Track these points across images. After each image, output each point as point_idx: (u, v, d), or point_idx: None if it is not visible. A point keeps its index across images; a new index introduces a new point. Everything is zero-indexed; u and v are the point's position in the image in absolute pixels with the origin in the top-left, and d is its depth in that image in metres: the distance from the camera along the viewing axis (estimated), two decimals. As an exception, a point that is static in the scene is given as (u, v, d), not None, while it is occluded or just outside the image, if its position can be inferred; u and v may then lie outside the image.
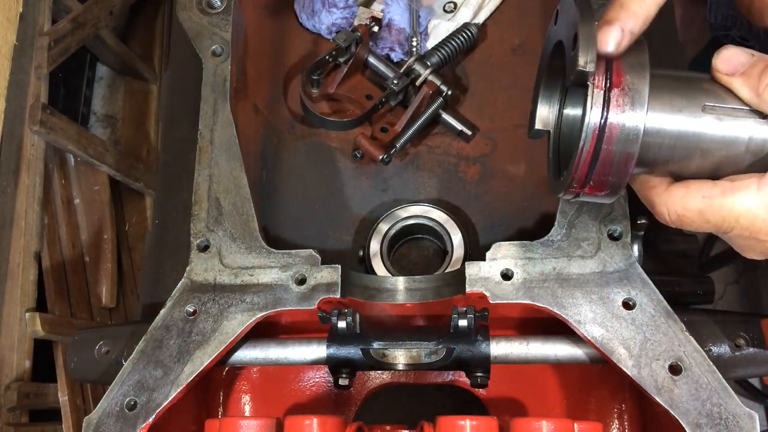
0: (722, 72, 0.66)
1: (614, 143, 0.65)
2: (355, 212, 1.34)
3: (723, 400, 0.89)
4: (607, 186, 0.69)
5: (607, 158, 0.66)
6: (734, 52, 0.66)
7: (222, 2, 1.22)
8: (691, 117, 0.67)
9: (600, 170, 0.67)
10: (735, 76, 0.65)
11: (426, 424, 0.94)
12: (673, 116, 0.67)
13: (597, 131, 0.65)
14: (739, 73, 0.64)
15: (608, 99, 0.65)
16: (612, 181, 0.68)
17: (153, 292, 1.26)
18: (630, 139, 0.65)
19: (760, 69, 0.64)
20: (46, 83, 2.14)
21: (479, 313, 1.02)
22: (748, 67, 0.64)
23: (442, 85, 1.31)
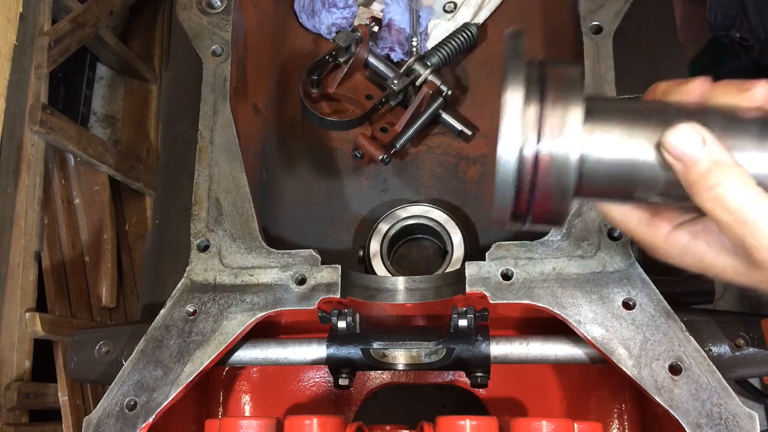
0: (668, 151, 0.62)
1: (547, 175, 0.64)
2: (355, 212, 1.34)
3: (723, 400, 0.89)
4: (549, 218, 0.68)
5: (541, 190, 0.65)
6: (686, 137, 0.60)
7: (222, 2, 1.22)
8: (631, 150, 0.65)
9: (538, 202, 0.66)
10: (678, 162, 0.62)
11: (426, 424, 0.94)
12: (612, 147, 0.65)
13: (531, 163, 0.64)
14: (683, 161, 0.61)
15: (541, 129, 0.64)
16: (554, 212, 0.67)
17: (153, 292, 1.26)
18: (565, 172, 0.64)
19: (703, 169, 0.60)
20: (46, 83, 2.14)
21: (479, 313, 1.02)
22: (691, 160, 0.61)
23: (442, 85, 1.31)
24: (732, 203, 0.60)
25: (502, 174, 0.64)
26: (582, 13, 1.13)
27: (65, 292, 2.31)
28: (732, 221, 0.61)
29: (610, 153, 0.65)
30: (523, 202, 0.67)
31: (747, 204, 0.60)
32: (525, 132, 0.64)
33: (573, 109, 0.64)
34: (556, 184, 0.64)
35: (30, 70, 2.10)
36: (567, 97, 0.64)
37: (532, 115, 0.64)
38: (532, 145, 0.63)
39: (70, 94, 2.71)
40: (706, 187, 0.61)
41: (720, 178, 0.60)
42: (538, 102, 0.64)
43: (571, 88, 0.65)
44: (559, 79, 0.66)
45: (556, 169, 0.64)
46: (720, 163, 0.60)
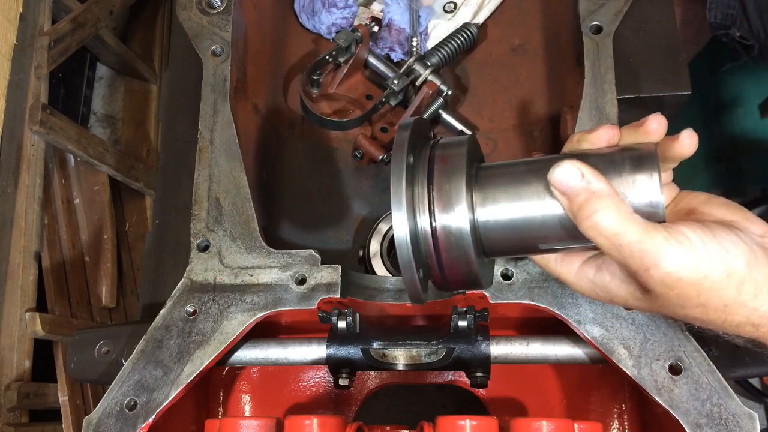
0: (553, 186, 0.67)
1: (447, 246, 0.68)
2: (355, 212, 1.34)
3: (723, 400, 0.89)
4: (465, 283, 0.73)
5: (446, 261, 0.70)
6: (566, 171, 0.65)
7: (222, 2, 1.22)
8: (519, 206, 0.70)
9: (448, 273, 0.71)
10: (563, 196, 0.66)
11: (426, 424, 0.93)
12: (500, 207, 0.70)
13: (430, 240, 0.69)
14: (566, 194, 0.66)
15: (432, 204, 0.68)
16: (466, 278, 0.71)
17: (153, 292, 1.26)
18: (461, 240, 0.68)
19: (582, 200, 0.65)
20: (46, 83, 2.14)
21: (479, 313, 1.02)
22: (573, 192, 0.65)
23: (442, 85, 1.31)
24: (607, 229, 0.64)
25: (402, 255, 0.69)
26: (582, 13, 1.14)
27: (65, 292, 2.31)
28: (611, 246, 0.65)
29: (500, 213, 0.70)
30: (437, 274, 0.72)
31: (621, 228, 0.64)
32: (417, 212, 0.69)
33: (455, 181, 0.69)
34: (457, 253, 0.69)
35: (30, 70, 2.11)
36: (451, 173, 0.69)
37: (421, 195, 0.69)
38: (427, 223, 0.68)
39: (70, 94, 2.71)
40: (585, 216, 0.65)
41: (597, 206, 0.64)
42: (426, 181, 0.70)
43: (454, 161, 0.70)
44: (444, 157, 0.71)
45: (451, 240, 0.68)
46: (597, 193, 0.65)
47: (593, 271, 0.74)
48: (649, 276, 0.64)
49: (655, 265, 0.63)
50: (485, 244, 0.71)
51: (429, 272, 0.73)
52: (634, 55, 1.21)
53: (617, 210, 0.64)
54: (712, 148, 2.35)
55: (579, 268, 0.75)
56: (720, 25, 1.49)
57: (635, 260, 0.64)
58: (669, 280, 0.64)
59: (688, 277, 0.64)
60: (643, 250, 0.63)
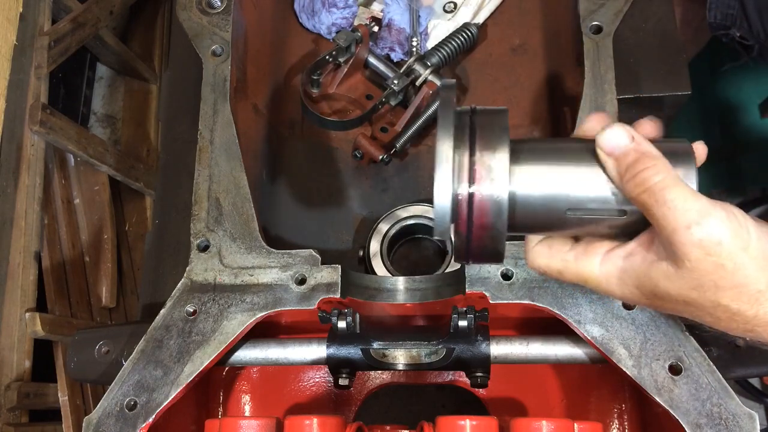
0: (601, 149, 0.68)
1: (481, 215, 0.69)
2: (355, 212, 1.34)
3: (723, 400, 0.89)
4: (487, 254, 0.73)
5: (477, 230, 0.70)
6: (616, 133, 0.67)
7: (222, 2, 1.22)
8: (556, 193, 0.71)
9: (476, 242, 0.71)
10: (610, 157, 0.68)
11: (426, 424, 0.94)
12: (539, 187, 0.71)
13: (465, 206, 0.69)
14: (614, 155, 0.67)
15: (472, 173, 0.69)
16: (491, 249, 0.72)
17: (153, 292, 1.26)
18: (497, 211, 0.69)
19: (631, 159, 0.66)
20: (46, 83, 2.14)
21: (479, 313, 1.02)
22: (622, 152, 0.67)
23: (442, 85, 1.31)
24: (658, 183, 0.65)
25: (439, 218, 0.69)
26: (582, 13, 1.14)
27: (65, 292, 2.31)
28: (654, 202, 0.65)
29: (538, 188, 0.71)
30: (462, 242, 0.72)
31: (670, 184, 0.65)
32: (457, 178, 0.69)
33: (499, 152, 0.69)
34: (490, 221, 0.69)
35: (30, 70, 2.10)
36: (494, 142, 0.70)
37: (463, 162, 0.69)
38: (465, 190, 0.69)
39: (70, 94, 2.71)
40: (634, 174, 0.66)
41: (648, 163, 0.66)
42: (468, 149, 0.70)
43: (498, 133, 0.71)
44: (487, 126, 0.72)
45: (488, 208, 0.69)
46: (646, 153, 0.67)
47: (621, 256, 0.72)
48: (688, 235, 0.63)
49: (697, 223, 0.63)
50: (517, 218, 0.72)
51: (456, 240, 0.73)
52: (634, 55, 1.21)
53: (667, 168, 0.66)
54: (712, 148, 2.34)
55: (605, 257, 0.73)
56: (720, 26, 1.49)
57: (676, 218, 0.64)
58: (709, 243, 0.63)
59: (728, 242, 0.63)
60: (688, 207, 0.63)
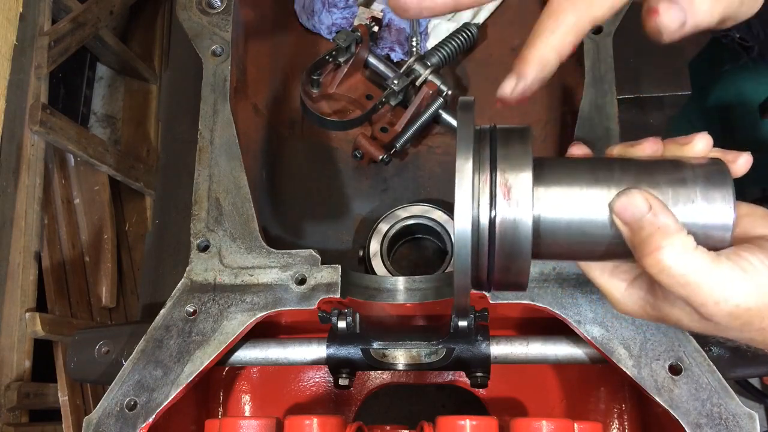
0: (616, 215, 0.65)
1: (505, 240, 0.65)
2: (355, 212, 1.34)
3: (723, 400, 0.89)
4: (510, 282, 0.69)
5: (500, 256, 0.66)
6: (633, 201, 0.63)
7: (222, 2, 1.22)
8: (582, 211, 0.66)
9: (499, 268, 0.67)
10: (625, 226, 0.64)
11: (426, 424, 0.94)
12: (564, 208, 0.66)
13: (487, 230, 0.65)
14: (629, 224, 0.64)
15: (493, 197, 0.64)
16: (514, 276, 0.68)
17: (153, 292, 1.26)
18: (519, 234, 0.64)
19: (645, 234, 0.62)
20: (46, 83, 2.14)
21: (479, 313, 1.02)
22: (637, 225, 0.63)
23: (442, 85, 1.31)
24: (672, 268, 0.62)
25: (460, 244, 0.64)
26: (582, 13, 1.13)
27: (65, 292, 2.31)
28: (675, 284, 0.63)
29: (564, 211, 0.66)
30: (483, 269, 0.67)
31: (686, 267, 0.62)
32: (478, 201, 0.64)
33: (523, 174, 0.64)
34: (514, 248, 0.65)
35: (30, 70, 2.11)
36: (517, 163, 0.65)
37: (484, 183, 0.65)
38: (486, 213, 0.64)
39: (70, 94, 2.71)
40: (648, 253, 0.62)
41: (660, 242, 0.62)
42: (489, 170, 0.65)
43: (521, 153, 0.66)
44: (509, 145, 0.67)
45: (511, 234, 0.64)
46: (662, 228, 0.62)
47: (644, 290, 0.71)
48: (717, 309, 0.62)
49: (725, 299, 0.62)
50: (541, 244, 0.68)
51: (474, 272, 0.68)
52: (634, 55, 1.21)
53: (683, 248, 0.62)
54: (712, 148, 2.35)
55: (630, 285, 0.72)
56: (720, 26, 1.49)
57: (701, 296, 0.62)
58: (737, 312, 0.63)
59: (755, 306, 0.62)
60: (711, 286, 0.61)
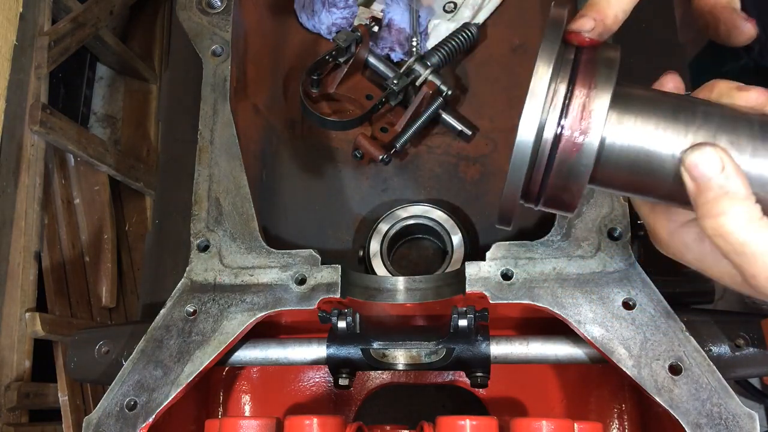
0: (686, 169, 0.62)
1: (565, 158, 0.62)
2: (355, 212, 1.34)
3: (723, 400, 0.89)
4: (561, 201, 0.66)
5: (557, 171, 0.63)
6: (707, 158, 0.60)
7: (222, 2, 1.22)
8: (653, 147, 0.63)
9: (552, 183, 0.64)
10: (693, 182, 0.61)
11: (426, 424, 0.94)
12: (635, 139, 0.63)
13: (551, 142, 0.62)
14: (697, 182, 0.61)
15: (566, 107, 0.61)
16: (567, 195, 0.65)
17: (153, 292, 1.26)
18: (583, 152, 0.62)
19: (711, 196, 0.60)
20: (46, 83, 2.14)
21: (479, 313, 1.02)
22: (705, 184, 0.60)
23: (442, 85, 1.31)
24: (733, 235, 0.60)
25: (520, 149, 0.61)
26: (582, 13, 1.13)
27: (65, 292, 2.31)
28: (731, 250, 0.61)
29: (633, 144, 0.63)
30: (537, 182, 0.65)
31: (747, 237, 0.60)
32: (548, 109, 0.61)
33: (601, 93, 0.61)
34: (574, 166, 0.62)
35: (30, 70, 2.11)
36: (597, 80, 0.62)
37: (558, 93, 0.62)
38: (554, 124, 0.61)
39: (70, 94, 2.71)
40: (710, 214, 0.60)
41: (726, 208, 0.60)
42: (567, 80, 0.62)
43: (604, 70, 0.63)
44: (593, 60, 0.64)
45: (576, 151, 0.62)
46: (731, 194, 0.60)
47: (693, 237, 0.69)
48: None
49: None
50: (599, 170, 0.64)
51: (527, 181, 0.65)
52: (634, 55, 1.21)
53: (748, 218, 0.60)
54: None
55: (678, 229, 0.70)
56: (720, 26, 1.49)
57: (754, 267, 0.60)
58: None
59: None
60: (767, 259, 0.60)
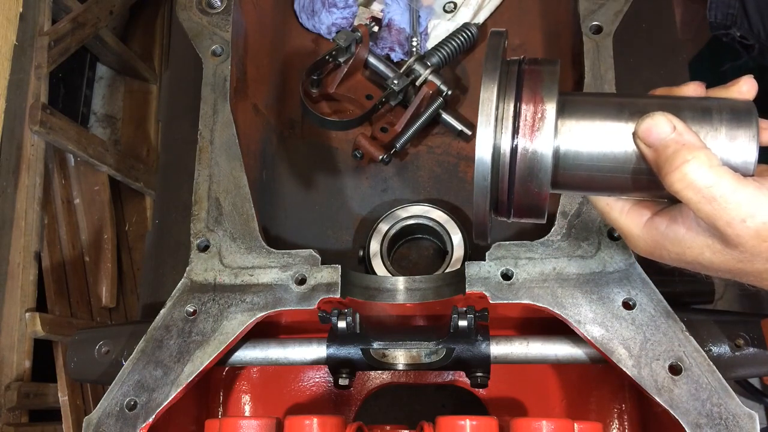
0: (640, 138, 0.65)
1: (524, 168, 0.66)
2: (355, 212, 1.34)
3: (723, 400, 0.89)
4: (528, 211, 0.70)
5: (519, 184, 0.67)
6: (657, 122, 0.64)
7: (222, 2, 1.22)
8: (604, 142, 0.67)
9: (517, 196, 0.68)
10: (649, 148, 0.64)
11: (426, 424, 0.94)
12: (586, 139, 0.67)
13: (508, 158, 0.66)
14: (654, 146, 0.64)
15: (516, 123, 0.65)
16: (533, 205, 0.69)
17: (153, 292, 1.26)
18: (540, 163, 0.65)
19: (671, 151, 0.63)
20: (46, 83, 2.14)
21: (479, 313, 1.02)
22: (661, 144, 0.63)
23: (442, 85, 1.31)
24: (700, 180, 0.62)
25: (479, 170, 0.66)
26: (582, 13, 1.14)
27: (65, 292, 2.31)
28: (701, 199, 0.62)
29: (587, 146, 0.67)
30: (504, 196, 0.69)
31: (714, 180, 0.62)
32: (501, 129, 0.66)
33: (547, 106, 0.65)
34: (533, 177, 0.66)
35: (30, 70, 2.10)
36: (542, 94, 0.66)
37: (508, 112, 0.66)
38: (508, 141, 0.65)
39: (70, 94, 2.71)
40: (673, 168, 0.63)
41: (688, 156, 0.62)
42: (513, 98, 0.66)
43: (546, 83, 0.67)
44: (535, 76, 0.68)
45: (531, 163, 0.65)
46: (688, 144, 0.63)
47: (666, 223, 0.71)
48: (744, 228, 0.62)
49: (752, 215, 0.62)
50: (560, 174, 0.68)
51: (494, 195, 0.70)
52: (634, 55, 1.21)
53: (709, 160, 0.62)
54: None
55: (649, 220, 0.72)
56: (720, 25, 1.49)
57: (728, 212, 0.62)
58: (765, 231, 0.62)
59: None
60: (739, 200, 0.61)
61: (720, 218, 0.63)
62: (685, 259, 0.71)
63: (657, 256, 0.73)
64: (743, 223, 0.62)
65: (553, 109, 0.65)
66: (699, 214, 0.64)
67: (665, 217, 0.71)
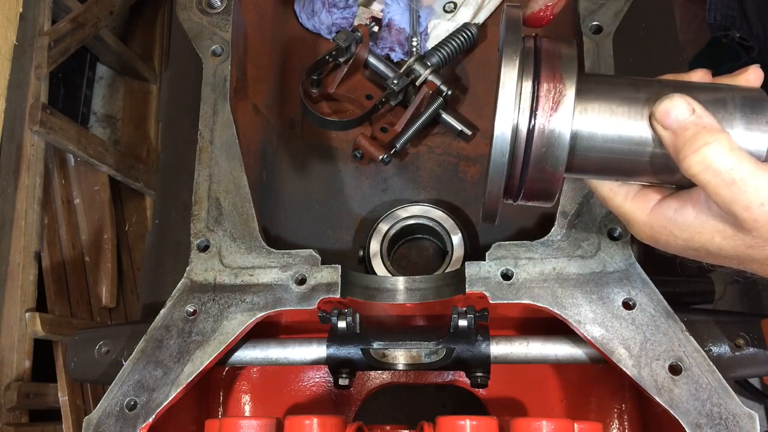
0: (658, 121, 0.64)
1: (541, 149, 0.66)
2: (355, 212, 1.34)
3: (723, 400, 0.89)
4: (540, 194, 0.70)
5: (534, 165, 0.67)
6: (675, 104, 0.63)
7: (222, 2, 1.22)
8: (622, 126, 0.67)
9: (530, 178, 0.68)
10: (667, 130, 0.64)
11: (426, 424, 0.94)
12: (603, 123, 0.67)
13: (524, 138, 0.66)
14: (672, 128, 0.64)
15: (535, 103, 0.65)
16: (545, 188, 0.69)
17: (153, 292, 1.26)
18: (556, 145, 0.65)
19: (690, 134, 0.63)
20: (46, 83, 2.14)
21: (479, 313, 1.02)
22: (680, 126, 0.63)
23: (442, 85, 1.31)
24: (720, 163, 0.62)
25: (498, 149, 0.65)
26: (582, 13, 1.14)
27: (65, 292, 2.31)
28: (720, 182, 0.62)
29: (602, 129, 0.67)
30: (516, 177, 0.69)
31: (735, 163, 0.61)
32: (519, 108, 0.65)
33: (567, 86, 0.65)
34: (549, 159, 0.66)
35: (30, 70, 2.11)
36: (561, 74, 0.66)
37: (526, 91, 0.65)
38: (526, 121, 0.65)
39: (70, 94, 2.71)
40: (693, 150, 0.62)
41: (708, 139, 0.62)
42: (532, 78, 0.66)
43: (566, 64, 0.66)
44: (554, 56, 0.67)
45: (549, 144, 0.65)
46: (707, 127, 0.63)
47: (675, 207, 0.70)
48: (763, 211, 0.61)
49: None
50: (575, 157, 0.68)
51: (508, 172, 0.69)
52: (634, 55, 1.21)
53: (729, 145, 0.62)
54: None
55: (656, 206, 0.71)
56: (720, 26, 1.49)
57: (747, 196, 0.61)
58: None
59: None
60: (757, 184, 0.61)
61: (739, 201, 0.62)
62: (692, 245, 0.70)
63: (662, 243, 0.72)
64: (762, 207, 0.62)
65: (573, 88, 0.65)
66: (716, 198, 0.63)
67: (674, 201, 0.70)
